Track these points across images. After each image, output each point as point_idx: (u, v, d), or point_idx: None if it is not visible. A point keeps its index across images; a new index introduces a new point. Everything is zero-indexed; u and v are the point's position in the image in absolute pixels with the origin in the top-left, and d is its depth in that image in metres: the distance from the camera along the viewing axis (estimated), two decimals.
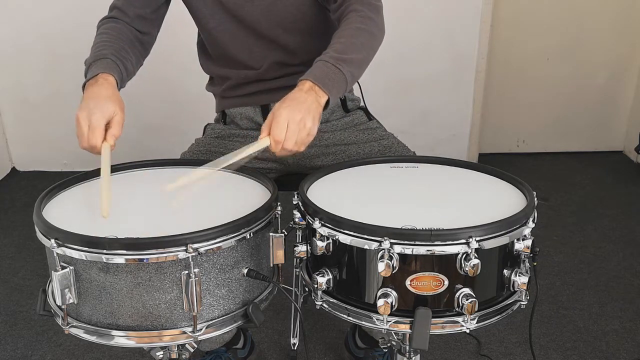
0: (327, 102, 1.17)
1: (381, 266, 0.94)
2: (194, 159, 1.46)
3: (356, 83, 1.48)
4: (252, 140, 1.48)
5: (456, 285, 0.98)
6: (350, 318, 1.05)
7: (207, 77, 1.60)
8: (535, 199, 1.10)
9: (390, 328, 1.01)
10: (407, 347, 1.15)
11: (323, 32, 1.45)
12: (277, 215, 1.11)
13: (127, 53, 1.32)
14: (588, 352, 1.84)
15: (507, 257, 1.03)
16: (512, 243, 1.01)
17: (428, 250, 0.96)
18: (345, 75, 1.19)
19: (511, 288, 1.04)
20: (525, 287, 1.03)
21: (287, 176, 1.54)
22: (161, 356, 1.15)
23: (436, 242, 0.95)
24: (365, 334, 1.69)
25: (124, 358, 1.82)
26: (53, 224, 0.99)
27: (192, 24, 1.47)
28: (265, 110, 1.49)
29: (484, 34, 3.08)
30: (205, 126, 1.61)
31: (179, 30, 1.72)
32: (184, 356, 1.17)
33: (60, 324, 1.03)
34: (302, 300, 1.17)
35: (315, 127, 1.13)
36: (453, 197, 1.18)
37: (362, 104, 1.59)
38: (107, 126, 1.15)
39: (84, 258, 0.95)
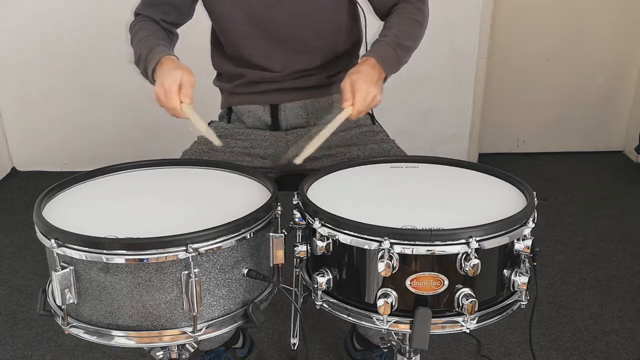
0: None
1: (381, 266, 0.94)
2: (194, 159, 1.46)
3: None
4: (255, 138, 1.49)
5: (456, 285, 0.98)
6: (350, 318, 1.05)
7: (211, 75, 1.60)
8: (535, 199, 1.10)
9: (390, 328, 1.01)
10: (407, 347, 1.15)
11: (346, 36, 1.47)
12: (277, 215, 1.11)
13: (168, 43, 1.41)
14: (588, 352, 1.84)
15: (507, 257, 1.03)
16: (512, 243, 1.01)
17: (428, 250, 0.96)
18: (400, 60, 1.30)
19: (511, 288, 1.04)
20: (525, 287, 1.03)
21: (287, 176, 1.54)
22: (161, 356, 1.15)
23: (436, 242, 0.95)
24: (361, 336, 1.69)
25: (124, 358, 1.82)
26: (53, 224, 0.99)
27: (196, 20, 1.47)
28: (275, 110, 1.49)
29: (484, 34, 3.08)
30: (209, 124, 1.61)
31: (181, 28, 1.72)
32: (184, 356, 1.17)
33: (60, 324, 1.03)
34: (302, 300, 1.17)
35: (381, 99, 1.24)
36: (453, 197, 1.18)
37: None
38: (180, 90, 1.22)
39: (84, 258, 0.95)
